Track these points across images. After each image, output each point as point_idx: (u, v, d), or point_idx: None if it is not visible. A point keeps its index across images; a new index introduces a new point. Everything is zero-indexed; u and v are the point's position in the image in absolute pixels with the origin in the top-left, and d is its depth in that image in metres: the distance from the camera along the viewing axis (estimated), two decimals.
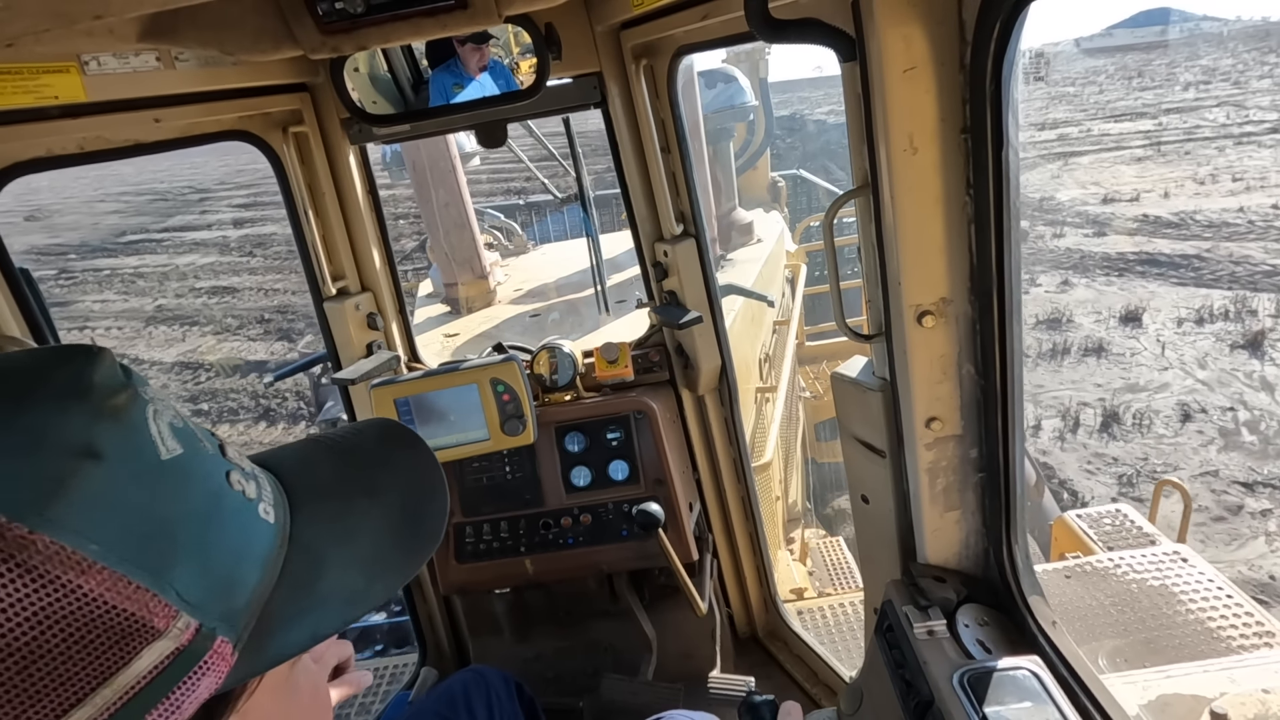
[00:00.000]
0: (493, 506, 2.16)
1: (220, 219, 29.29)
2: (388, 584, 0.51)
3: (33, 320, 1.50)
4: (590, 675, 2.18)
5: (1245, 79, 40.33)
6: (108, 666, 0.38)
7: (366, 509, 0.53)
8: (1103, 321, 11.69)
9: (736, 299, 4.34)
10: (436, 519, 0.56)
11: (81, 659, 0.37)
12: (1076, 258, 14.49)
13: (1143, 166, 21.76)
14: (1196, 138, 24.86)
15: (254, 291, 18.61)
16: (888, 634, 1.33)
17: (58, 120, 1.29)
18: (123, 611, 0.38)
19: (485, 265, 4.66)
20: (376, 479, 0.55)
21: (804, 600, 3.06)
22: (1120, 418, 8.99)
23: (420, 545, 0.55)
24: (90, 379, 0.43)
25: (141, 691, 0.39)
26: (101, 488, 0.40)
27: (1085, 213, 17.44)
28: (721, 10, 1.34)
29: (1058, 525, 3.16)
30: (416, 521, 0.55)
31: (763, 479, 4.07)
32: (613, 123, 1.90)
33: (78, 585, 0.37)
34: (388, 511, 0.54)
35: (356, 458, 0.57)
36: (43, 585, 0.36)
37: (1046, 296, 12.88)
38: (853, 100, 1.12)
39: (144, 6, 0.97)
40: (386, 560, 0.52)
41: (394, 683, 2.79)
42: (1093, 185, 20.12)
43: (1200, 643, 2.18)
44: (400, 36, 1.31)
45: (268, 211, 29.26)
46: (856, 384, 1.35)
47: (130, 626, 0.39)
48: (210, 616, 0.42)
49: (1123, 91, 41.61)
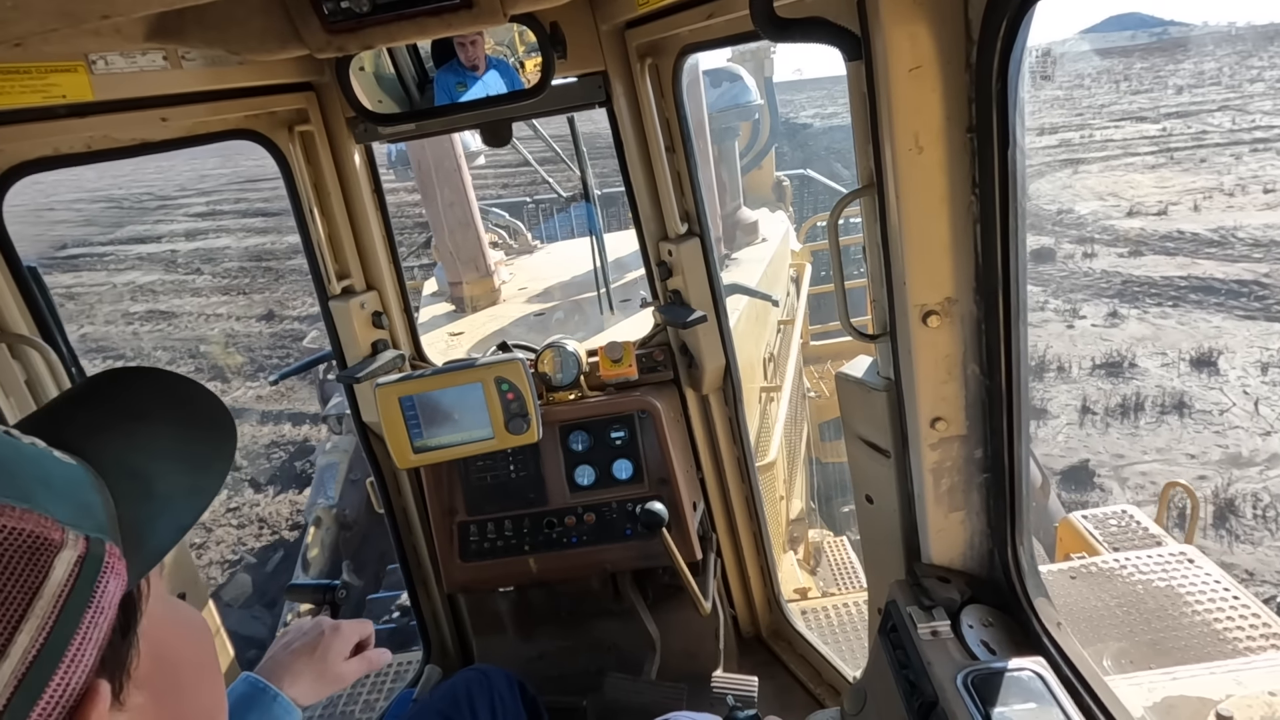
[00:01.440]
0: (497, 505, 2.16)
1: (174, 229, 27.49)
2: (215, 471, 0.58)
3: (40, 318, 1.51)
4: (594, 674, 2.18)
5: (1235, 82, 39.83)
6: (31, 580, 0.42)
7: (146, 429, 0.58)
8: (1171, 365, 9.94)
9: (741, 298, 4.33)
10: (218, 409, 0.61)
11: (7, 578, 0.41)
12: (1118, 283, 13.12)
13: (1159, 176, 20.59)
14: (1207, 143, 24.14)
15: (193, 317, 16.90)
16: (892, 634, 1.32)
17: (65, 119, 1.29)
18: (20, 531, 0.43)
19: (490, 264, 4.66)
20: (135, 405, 0.59)
21: (808, 600, 3.06)
22: (1237, 507, 7.12)
23: (220, 434, 0.60)
24: None
25: (69, 598, 0.44)
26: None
27: (1113, 228, 16.23)
28: (726, 9, 1.33)
29: (1063, 526, 3.14)
30: (201, 417, 0.60)
31: (767, 478, 4.07)
32: (618, 122, 1.89)
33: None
34: (167, 421, 0.59)
35: (100, 400, 0.60)
36: None
37: (1096, 332, 11.36)
38: (858, 99, 1.12)
39: (151, 6, 0.97)
40: (200, 455, 0.58)
41: (398, 680, 2.80)
42: (1111, 196, 18.89)
43: (1206, 644, 2.17)
44: (405, 36, 1.31)
45: (225, 222, 28.11)
46: (861, 384, 1.35)
47: (34, 543, 0.43)
48: (89, 529, 0.47)
49: (1113, 95, 40.88)
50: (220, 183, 39.61)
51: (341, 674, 1.14)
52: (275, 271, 20.38)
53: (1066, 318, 12.06)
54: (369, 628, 1.22)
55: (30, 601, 0.42)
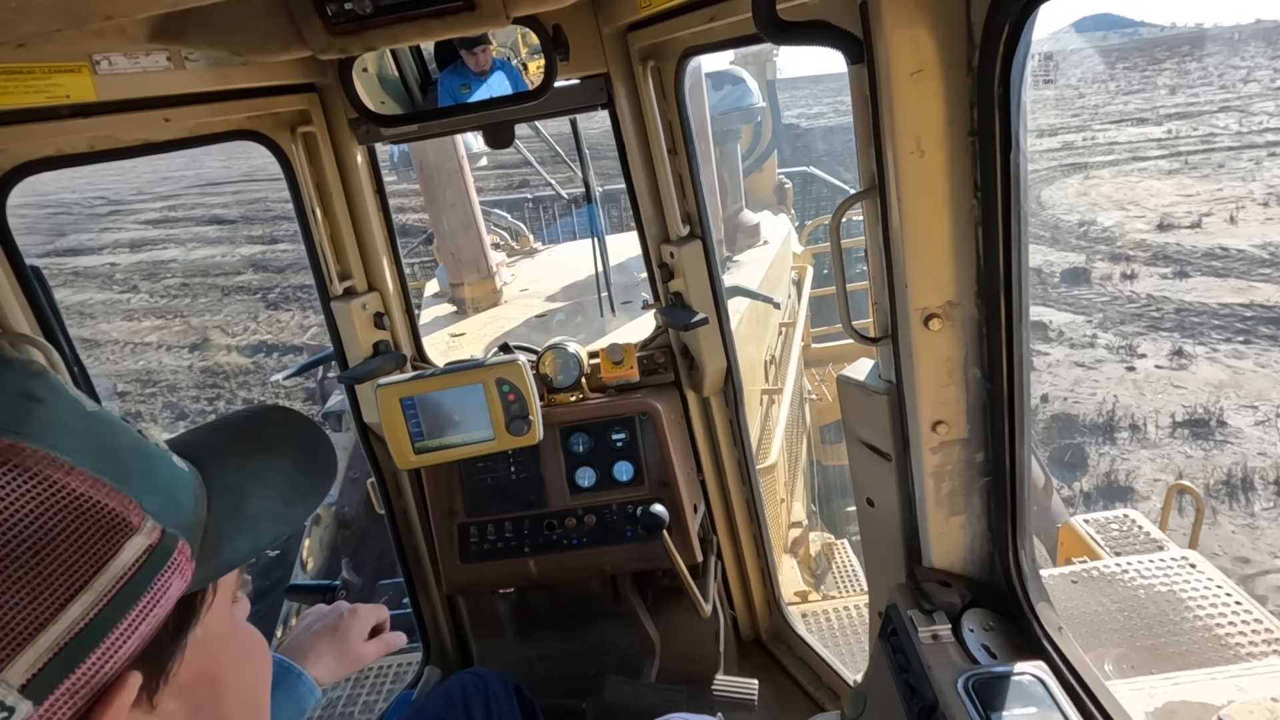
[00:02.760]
0: (497, 507, 2.16)
1: (120, 239, 25.94)
2: (304, 507, 0.62)
3: (43, 317, 1.51)
4: (593, 677, 2.18)
5: (1228, 83, 39.19)
6: (100, 555, 0.44)
7: (265, 456, 0.63)
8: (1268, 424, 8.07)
9: (743, 300, 4.33)
10: (328, 460, 0.67)
11: (79, 547, 0.43)
12: (1170, 311, 11.70)
13: (1178, 183, 19.45)
14: (1218, 147, 23.28)
15: (117, 346, 15.47)
16: (892, 638, 1.32)
17: (68, 120, 1.30)
18: (104, 507, 0.45)
19: (491, 265, 4.67)
20: (265, 437, 0.65)
21: (808, 603, 3.06)
22: None
23: (320, 478, 0.65)
24: (5, 354, 0.48)
25: (129, 581, 0.45)
26: (53, 419, 0.45)
27: (1146, 243, 14.91)
28: (729, 12, 1.34)
29: (1064, 530, 3.14)
30: (311, 461, 0.65)
31: (767, 481, 4.06)
32: (620, 124, 1.90)
33: (66, 483, 0.43)
34: (282, 454, 0.64)
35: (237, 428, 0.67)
36: (39, 483, 0.42)
37: (1164, 377, 9.72)
38: (860, 102, 1.12)
39: (154, 7, 0.97)
40: (296, 489, 0.62)
41: (397, 682, 2.80)
42: (1132, 205, 17.74)
43: (1208, 650, 2.17)
44: (408, 37, 1.31)
45: (176, 230, 26.80)
46: (862, 387, 1.35)
47: (112, 521, 0.45)
48: (169, 524, 0.49)
49: (1106, 96, 39.97)
50: (181, 186, 37.85)
51: (361, 654, 1.19)
52: (221, 289, 19.22)
53: (1123, 356, 10.68)
54: (385, 612, 1.26)
55: (93, 575, 0.43)
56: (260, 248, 23.46)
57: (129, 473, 0.47)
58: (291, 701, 1.07)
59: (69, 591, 0.42)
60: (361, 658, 1.19)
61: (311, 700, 1.10)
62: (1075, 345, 11.28)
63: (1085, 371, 10.44)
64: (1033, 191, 19.98)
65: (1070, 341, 11.44)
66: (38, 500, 0.42)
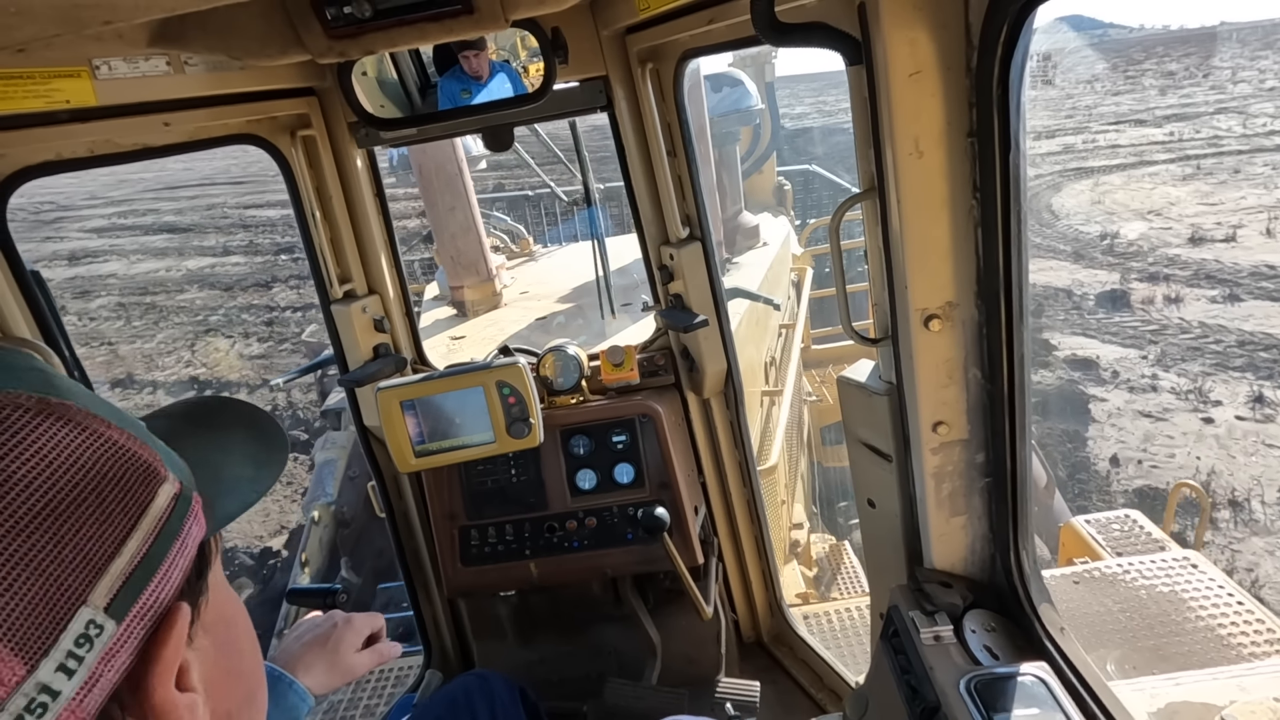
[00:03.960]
0: (497, 509, 2.16)
1: (60, 249, 24.49)
2: (270, 470, 0.68)
3: (43, 322, 1.51)
4: (594, 679, 2.18)
5: (1220, 83, 38.39)
6: (143, 498, 0.49)
7: (219, 434, 0.69)
8: None
9: (743, 302, 4.33)
10: (275, 426, 0.73)
11: (128, 490, 0.48)
12: (1232, 343, 10.17)
13: (1195, 189, 18.07)
14: (1226, 150, 22.07)
15: None
16: (894, 639, 1.32)
17: (68, 124, 1.30)
18: (140, 457, 0.50)
19: (491, 268, 4.67)
20: (214, 419, 0.71)
21: (809, 605, 3.05)
22: None
23: (278, 445, 0.71)
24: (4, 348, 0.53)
25: (166, 524, 0.50)
26: (77, 389, 0.50)
27: (1180, 259, 13.38)
28: (728, 14, 1.34)
29: (1065, 530, 3.14)
30: (262, 430, 0.71)
31: (768, 483, 4.06)
32: (619, 126, 1.90)
33: (109, 435, 0.49)
34: (238, 430, 0.70)
35: (190, 416, 0.71)
36: (90, 434, 0.48)
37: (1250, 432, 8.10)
38: (859, 104, 1.12)
39: (153, 12, 0.97)
40: (260, 458, 0.68)
41: (399, 685, 2.79)
42: (1153, 215, 16.26)
43: (1210, 650, 2.16)
44: (406, 41, 1.31)
45: (122, 240, 25.35)
46: (863, 388, 1.35)
47: (148, 470, 0.50)
48: (181, 477, 0.54)
49: (1096, 97, 38.90)
50: (136, 190, 35.99)
51: (353, 666, 1.17)
52: (159, 310, 17.73)
53: (1195, 404, 9.10)
54: (380, 620, 1.25)
55: (140, 515, 0.49)
56: (210, 260, 22.20)
57: (143, 435, 0.53)
58: (282, 711, 1.06)
59: (126, 527, 0.47)
60: (353, 669, 1.17)
61: (304, 708, 1.09)
62: (1135, 389, 9.80)
63: (1154, 425, 8.90)
64: (1042, 198, 19.02)
65: (1128, 384, 9.94)
66: (92, 449, 0.47)
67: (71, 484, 0.45)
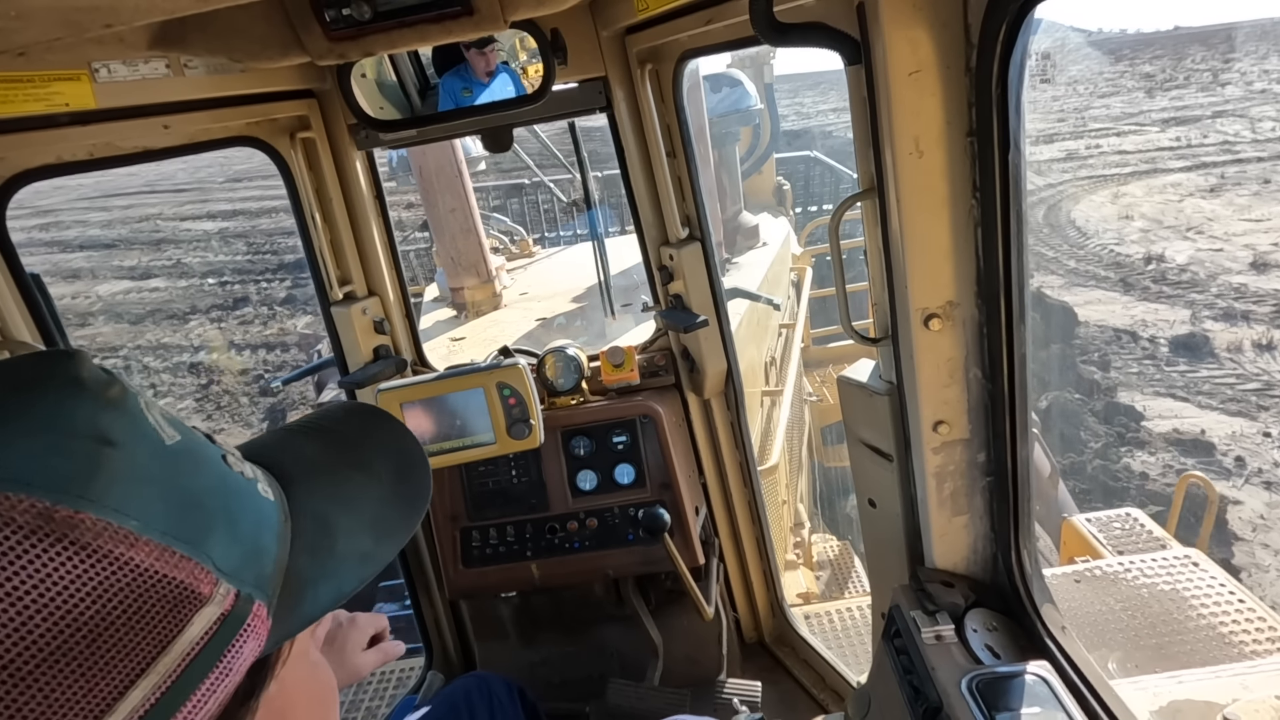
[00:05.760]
0: (499, 511, 2.16)
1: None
2: (393, 543, 0.56)
3: (43, 325, 1.51)
4: (596, 680, 2.18)
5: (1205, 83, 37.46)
6: (165, 634, 0.40)
7: (359, 480, 0.57)
8: None
9: (742, 302, 4.33)
10: (423, 482, 0.61)
11: (141, 628, 0.39)
12: None
13: (1229, 201, 16.17)
14: (1244, 156, 20.28)
15: None
16: (895, 639, 1.32)
17: (67, 128, 1.30)
18: (171, 580, 0.41)
19: (491, 269, 4.67)
20: (361, 452, 0.60)
21: (811, 605, 3.05)
22: None
23: (414, 506, 0.59)
24: (79, 374, 0.44)
25: (196, 658, 0.41)
26: (125, 468, 0.41)
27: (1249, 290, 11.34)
28: (727, 14, 1.34)
29: (1067, 529, 3.13)
30: (406, 485, 0.59)
31: (769, 483, 4.06)
32: (618, 127, 1.90)
33: (129, 558, 0.39)
34: (379, 479, 0.58)
35: (335, 437, 0.61)
36: (97, 560, 0.38)
37: None
38: (858, 104, 1.12)
39: (154, 14, 0.97)
40: (388, 522, 0.56)
41: (400, 687, 2.79)
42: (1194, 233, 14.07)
43: (1212, 648, 2.16)
44: (406, 42, 1.31)
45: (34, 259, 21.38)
46: (863, 388, 1.35)
47: (180, 595, 0.41)
48: (245, 583, 0.45)
49: (1085, 99, 37.09)
50: (69, 199, 31.72)
51: (358, 666, 1.14)
52: None
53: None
54: (383, 620, 1.23)
55: (157, 656, 0.40)
56: (125, 285, 19.78)
57: (207, 526, 0.44)
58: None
59: (129, 678, 0.38)
60: (359, 669, 1.14)
61: None
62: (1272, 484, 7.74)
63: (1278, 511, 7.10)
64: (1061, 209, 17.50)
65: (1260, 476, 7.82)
66: (97, 580, 0.38)
67: (61, 629, 0.37)
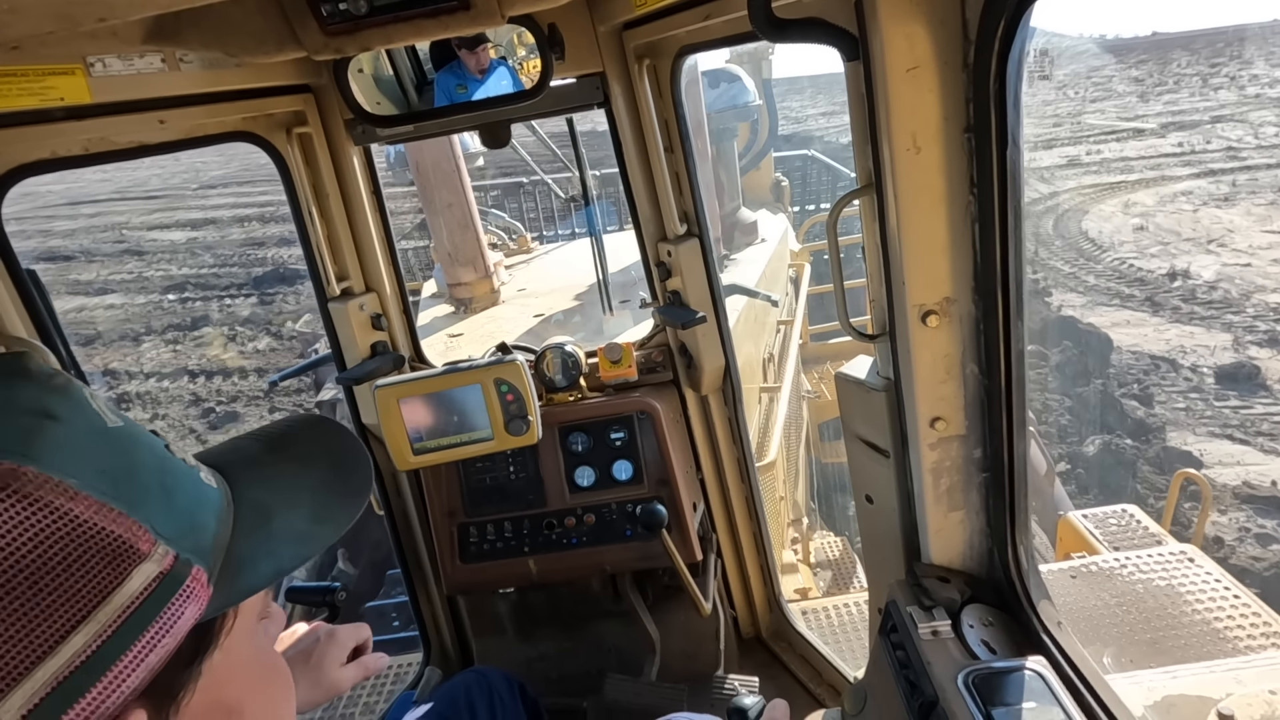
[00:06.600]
0: (496, 507, 2.16)
1: None
2: (332, 525, 0.60)
3: (39, 321, 1.50)
4: (594, 676, 2.18)
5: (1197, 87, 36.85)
6: (104, 585, 0.42)
7: (297, 472, 0.61)
8: None
9: (740, 299, 4.33)
10: (364, 476, 0.65)
11: (81, 577, 0.41)
12: None
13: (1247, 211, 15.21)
14: (1254, 164, 19.43)
15: None
16: (892, 634, 1.32)
17: (62, 122, 1.29)
18: (110, 534, 0.43)
19: (489, 265, 4.66)
20: (301, 452, 0.64)
21: (808, 600, 3.06)
22: None
23: (353, 496, 0.63)
24: (28, 366, 0.47)
25: (136, 611, 0.43)
26: (66, 438, 0.44)
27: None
28: (724, 10, 1.34)
29: (1063, 525, 3.14)
30: (345, 479, 0.63)
31: (767, 479, 4.07)
32: (616, 123, 1.90)
33: (68, 509, 0.42)
34: (319, 472, 0.62)
35: (277, 439, 0.65)
36: (39, 509, 0.40)
37: None
38: (856, 100, 1.12)
39: (148, 9, 0.97)
40: (326, 508, 0.60)
41: (398, 683, 2.80)
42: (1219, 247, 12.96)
43: (1206, 643, 2.17)
44: (403, 37, 1.31)
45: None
46: (860, 384, 1.35)
47: (119, 548, 0.43)
48: (184, 549, 0.47)
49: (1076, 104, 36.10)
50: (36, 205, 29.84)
51: (337, 681, 1.11)
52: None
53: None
54: (366, 632, 1.19)
55: (98, 605, 0.41)
56: (78, 302, 18.68)
57: (144, 494, 0.46)
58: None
59: (69, 623, 0.40)
60: (337, 685, 1.10)
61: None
62: None
63: None
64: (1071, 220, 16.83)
65: None
66: (37, 528, 0.40)
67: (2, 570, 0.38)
